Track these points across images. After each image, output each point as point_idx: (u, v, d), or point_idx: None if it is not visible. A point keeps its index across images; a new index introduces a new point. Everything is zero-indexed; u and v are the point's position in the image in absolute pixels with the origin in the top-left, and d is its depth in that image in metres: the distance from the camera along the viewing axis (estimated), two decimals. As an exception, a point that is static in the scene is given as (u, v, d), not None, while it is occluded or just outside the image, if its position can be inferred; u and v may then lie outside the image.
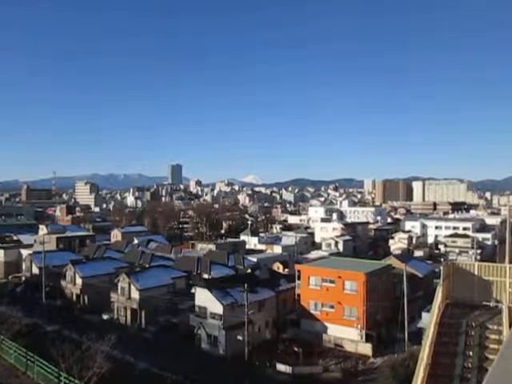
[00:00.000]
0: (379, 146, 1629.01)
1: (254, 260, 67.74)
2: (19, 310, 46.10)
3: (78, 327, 43.65)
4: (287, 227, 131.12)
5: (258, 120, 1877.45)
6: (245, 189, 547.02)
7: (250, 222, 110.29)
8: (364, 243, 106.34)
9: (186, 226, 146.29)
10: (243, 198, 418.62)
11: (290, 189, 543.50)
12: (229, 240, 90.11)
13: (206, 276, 55.92)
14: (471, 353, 17.50)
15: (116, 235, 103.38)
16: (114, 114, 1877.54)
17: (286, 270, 61.59)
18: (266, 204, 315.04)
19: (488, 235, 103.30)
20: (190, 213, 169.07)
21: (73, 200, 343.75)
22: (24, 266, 67.03)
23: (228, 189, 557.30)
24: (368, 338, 40.47)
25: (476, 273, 21.77)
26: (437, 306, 20.09)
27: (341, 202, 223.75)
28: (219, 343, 40.03)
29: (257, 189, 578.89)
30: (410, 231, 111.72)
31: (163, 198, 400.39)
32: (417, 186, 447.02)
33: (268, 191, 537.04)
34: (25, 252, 70.72)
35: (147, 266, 60.11)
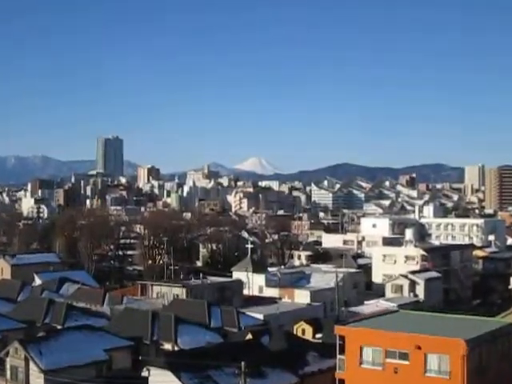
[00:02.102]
0: (489, 107, 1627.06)
1: (259, 317, 67.61)
2: None
3: None
4: (321, 255, 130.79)
5: (265, 62, 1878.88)
6: (241, 183, 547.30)
7: (250, 246, 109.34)
8: (464, 284, 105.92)
9: (130, 252, 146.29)
10: (238, 201, 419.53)
11: (325, 183, 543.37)
12: (211, 279, 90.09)
13: (168, 346, 55.99)
14: None
15: (1, 270, 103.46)
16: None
17: (319, 335, 61.63)
18: (282, 211, 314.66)
19: None
20: (138, 228, 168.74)
21: None
22: None
23: (210, 184, 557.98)
24: None
25: None
26: None
27: (421, 208, 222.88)
28: None
29: (263, 183, 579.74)
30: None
31: (88, 201, 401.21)
32: None
33: (285, 187, 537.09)
34: None
35: (59, 327, 60.14)
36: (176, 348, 55.01)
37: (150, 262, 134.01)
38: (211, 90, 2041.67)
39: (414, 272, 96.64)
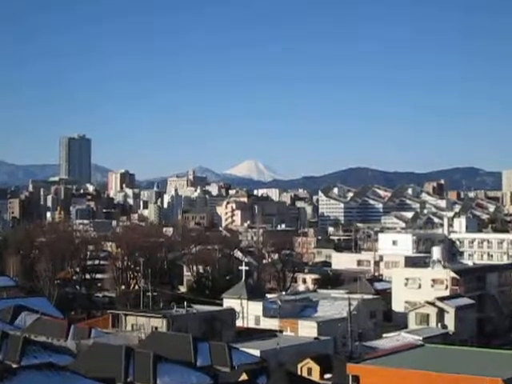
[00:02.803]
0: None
1: (256, 354, 67.68)
2: None
3: None
4: (330, 278, 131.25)
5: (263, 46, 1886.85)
6: (233, 192, 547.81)
7: (245, 268, 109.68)
8: (502, 313, 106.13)
9: (100, 276, 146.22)
10: (229, 213, 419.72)
11: (335, 191, 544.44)
12: (198, 309, 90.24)
13: (146, 389, 56.07)
14: None
15: None
16: None
17: (328, 375, 61.80)
18: (283, 225, 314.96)
19: None
20: (108, 247, 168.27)
21: None
22: None
23: (196, 192, 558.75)
24: None
25: None
26: None
27: (451, 221, 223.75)
28: None
29: (260, 192, 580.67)
30: None
31: (49, 214, 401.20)
32: None
33: (286, 196, 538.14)
34: None
35: (15, 366, 60.20)
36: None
37: (123, 287, 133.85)
38: (200, 87, 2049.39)
39: (442, 298, 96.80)
